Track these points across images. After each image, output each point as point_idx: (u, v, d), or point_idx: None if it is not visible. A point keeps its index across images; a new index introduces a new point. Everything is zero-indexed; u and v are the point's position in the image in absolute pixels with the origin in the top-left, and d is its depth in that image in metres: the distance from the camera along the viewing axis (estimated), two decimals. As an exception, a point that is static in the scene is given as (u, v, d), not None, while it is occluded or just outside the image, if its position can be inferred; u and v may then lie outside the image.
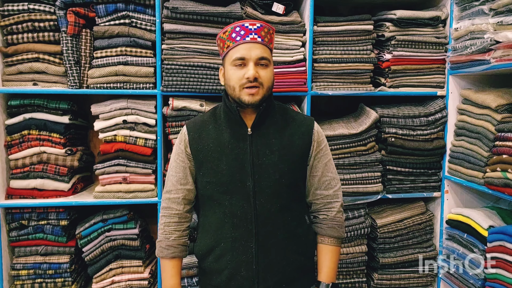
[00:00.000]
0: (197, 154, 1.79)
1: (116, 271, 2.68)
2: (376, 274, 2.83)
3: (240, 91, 1.69)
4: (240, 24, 1.71)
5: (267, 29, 1.75)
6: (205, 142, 1.78)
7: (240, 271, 1.74)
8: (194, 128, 1.83)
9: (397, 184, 2.79)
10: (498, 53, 2.24)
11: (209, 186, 1.77)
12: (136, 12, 2.56)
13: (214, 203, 1.78)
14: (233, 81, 1.70)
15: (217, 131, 1.79)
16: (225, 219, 1.75)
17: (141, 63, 2.56)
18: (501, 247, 2.20)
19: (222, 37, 1.75)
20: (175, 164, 1.84)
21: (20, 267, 2.62)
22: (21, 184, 2.61)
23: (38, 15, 2.50)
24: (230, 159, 1.74)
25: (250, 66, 1.67)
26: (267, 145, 1.76)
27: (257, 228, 1.72)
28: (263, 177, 1.73)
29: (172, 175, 1.84)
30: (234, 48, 1.70)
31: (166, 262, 1.83)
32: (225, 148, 1.75)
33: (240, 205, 1.73)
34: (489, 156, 2.37)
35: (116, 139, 2.62)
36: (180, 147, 1.83)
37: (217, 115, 1.84)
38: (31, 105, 2.60)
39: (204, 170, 1.78)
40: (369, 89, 2.73)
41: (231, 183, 1.74)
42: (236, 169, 1.73)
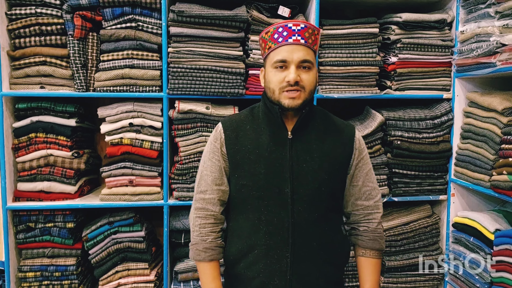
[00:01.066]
0: (233, 154, 1.70)
1: (122, 273, 2.68)
2: (382, 277, 2.82)
3: (279, 94, 1.63)
4: (283, 24, 1.63)
5: (311, 30, 1.65)
6: (242, 142, 1.70)
7: (273, 280, 1.66)
8: (231, 127, 1.74)
9: (403, 187, 2.78)
10: (504, 56, 2.23)
11: (244, 189, 1.69)
12: (142, 16, 2.57)
13: (247, 208, 1.70)
14: (273, 84, 1.64)
15: (255, 132, 1.71)
16: (260, 225, 1.67)
17: (148, 66, 2.58)
18: (507, 250, 2.19)
19: (264, 37, 1.68)
20: (210, 163, 1.74)
21: (27, 269, 2.63)
22: (28, 187, 2.62)
23: (45, 19, 2.52)
24: (269, 163, 1.66)
25: (291, 69, 1.60)
26: (307, 151, 1.69)
27: (293, 238, 1.64)
28: (302, 184, 1.66)
29: (207, 175, 1.74)
30: (276, 50, 1.64)
31: (205, 266, 1.73)
32: (264, 151, 1.67)
33: (276, 212, 1.65)
34: (495, 159, 2.36)
35: (122, 142, 2.64)
36: (215, 145, 1.73)
37: (255, 115, 1.76)
38: (38, 108, 2.61)
39: (240, 172, 1.70)
40: (375, 92, 2.73)
41: (268, 188, 1.66)
42: (274, 174, 1.66)
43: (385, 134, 2.73)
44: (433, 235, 2.86)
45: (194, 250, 1.74)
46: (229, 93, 2.58)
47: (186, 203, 2.65)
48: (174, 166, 2.65)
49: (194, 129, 2.63)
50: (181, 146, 2.62)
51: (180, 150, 2.62)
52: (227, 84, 2.57)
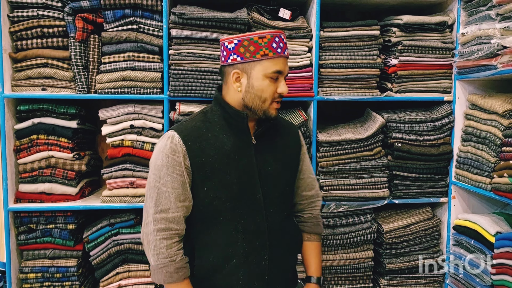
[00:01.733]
0: (200, 167, 1.61)
1: (123, 275, 2.69)
2: (383, 279, 2.83)
3: (269, 104, 1.64)
4: (278, 35, 1.62)
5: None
6: (207, 153, 1.61)
7: (253, 284, 1.66)
8: (190, 137, 1.62)
9: (404, 189, 2.79)
10: (505, 58, 2.23)
11: (216, 202, 1.62)
12: (143, 18, 2.58)
13: (220, 219, 1.64)
14: (267, 94, 1.62)
15: (217, 140, 1.64)
16: (237, 235, 1.64)
17: (149, 68, 2.58)
18: (508, 253, 2.19)
19: (258, 41, 1.60)
20: (169, 178, 1.58)
21: (28, 270, 2.64)
22: (30, 188, 2.63)
23: (47, 21, 2.53)
24: (238, 171, 1.63)
25: (283, 81, 1.65)
26: (270, 155, 1.72)
27: (269, 240, 1.66)
28: (270, 187, 1.69)
29: (167, 191, 1.58)
30: (274, 60, 1.61)
31: (180, 285, 1.61)
32: (231, 159, 1.63)
33: (252, 219, 1.65)
34: (496, 162, 2.36)
35: (123, 143, 2.64)
36: (174, 159, 1.59)
37: (212, 121, 1.69)
38: (39, 110, 2.62)
39: (210, 184, 1.61)
40: (375, 94, 2.73)
41: (242, 196, 1.64)
42: (246, 182, 1.64)
43: (385, 136, 2.74)
44: (434, 238, 2.86)
45: (164, 273, 1.58)
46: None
47: (186, 205, 2.65)
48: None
49: (195, 131, 2.62)
50: (182, 148, 2.62)
51: (181, 152, 2.62)
52: (228, 86, 2.57)
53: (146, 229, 1.61)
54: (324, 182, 2.68)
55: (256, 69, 1.62)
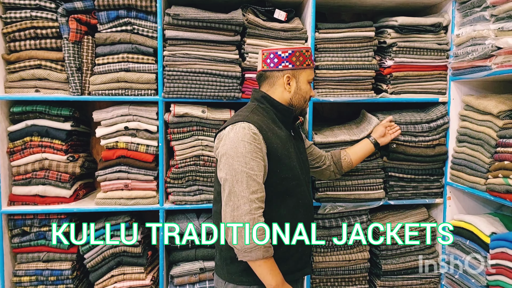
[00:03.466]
0: (274, 151, 1.84)
1: (118, 278, 2.68)
2: (379, 280, 2.82)
3: (305, 103, 2.05)
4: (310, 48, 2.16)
5: None
6: (275, 140, 1.86)
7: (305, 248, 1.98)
8: (262, 127, 1.84)
9: (399, 191, 2.79)
10: (499, 59, 2.24)
11: (285, 182, 1.88)
12: (137, 19, 2.57)
13: (285, 196, 1.90)
14: (308, 95, 2.03)
15: (275, 130, 1.91)
16: (299, 208, 1.94)
17: (143, 70, 2.57)
18: (503, 253, 2.19)
19: (305, 53, 1.99)
20: (255, 163, 1.76)
21: (22, 273, 2.63)
22: (23, 191, 2.62)
23: (40, 22, 2.52)
24: (295, 156, 1.96)
25: (311, 87, 2.11)
26: (300, 145, 2.11)
27: (312, 212, 2.08)
28: (306, 171, 2.07)
29: (255, 174, 1.76)
30: (312, 69, 2.05)
31: (270, 261, 1.79)
32: (289, 147, 1.93)
33: (306, 195, 1.99)
34: (491, 163, 2.36)
35: (117, 145, 2.63)
36: (256, 145, 1.78)
37: (269, 116, 1.95)
38: (33, 112, 2.61)
39: (281, 166, 1.87)
40: (370, 96, 2.73)
41: (299, 177, 1.94)
42: (300, 165, 1.99)
43: (381, 137, 2.73)
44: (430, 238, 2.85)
45: (263, 249, 1.74)
46: (225, 96, 2.57)
47: (182, 207, 2.65)
48: (170, 170, 2.64)
49: (190, 133, 2.62)
50: (177, 150, 2.61)
51: (176, 154, 2.62)
52: (223, 88, 2.57)
53: (238, 212, 1.73)
54: (320, 183, 2.68)
55: (302, 75, 2.00)
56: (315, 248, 2.75)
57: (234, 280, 1.90)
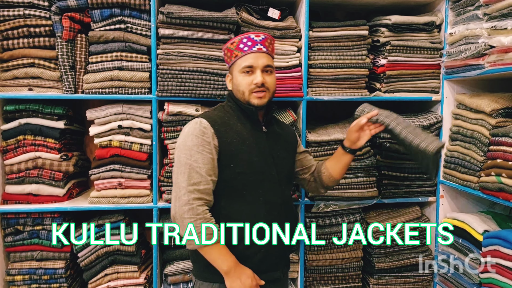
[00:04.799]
0: (227, 146, 1.84)
1: (112, 276, 2.67)
2: (372, 279, 2.84)
3: (249, 95, 1.89)
4: (247, 36, 1.91)
5: (270, 40, 1.97)
6: (232, 135, 1.87)
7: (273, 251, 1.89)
8: (216, 122, 1.87)
9: (393, 189, 2.80)
10: (492, 58, 2.25)
11: (241, 177, 1.85)
12: (131, 17, 2.57)
13: (244, 193, 1.86)
14: (243, 87, 1.90)
15: (236, 126, 1.91)
16: (260, 206, 1.87)
17: (137, 68, 2.57)
18: (496, 251, 2.20)
19: (230, 47, 1.94)
20: (200, 156, 1.78)
21: (15, 272, 2.62)
22: (16, 190, 2.61)
23: (33, 21, 2.50)
24: (258, 151, 1.90)
25: (257, 73, 1.88)
26: (277, 142, 2.02)
27: (284, 212, 1.95)
28: (281, 168, 1.98)
29: (198, 167, 1.77)
30: (243, 57, 1.90)
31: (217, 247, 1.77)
32: (251, 141, 1.90)
33: (272, 192, 1.91)
34: (484, 161, 2.37)
35: (111, 144, 2.62)
36: (204, 139, 1.80)
37: (230, 114, 1.95)
38: (26, 110, 2.60)
39: (236, 161, 1.85)
40: (364, 94, 2.74)
41: (262, 173, 1.90)
42: (264, 161, 1.91)
43: (374, 136, 2.71)
44: (423, 237, 2.87)
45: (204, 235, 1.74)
46: (219, 95, 2.57)
47: (175, 206, 2.64)
48: (163, 169, 2.64)
49: (183, 131, 2.61)
50: (171, 148, 2.61)
51: (170, 152, 2.62)
52: (216, 86, 2.57)
53: (179, 202, 1.76)
54: (314, 182, 2.68)
55: (234, 70, 1.95)
56: (308, 247, 2.75)
57: (200, 277, 1.92)
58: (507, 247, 2.13)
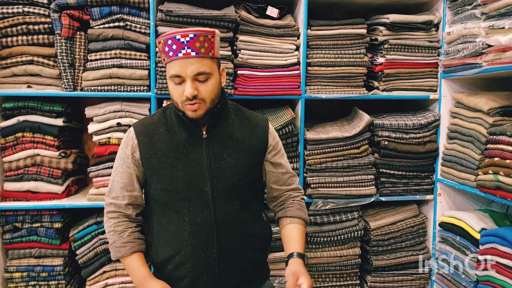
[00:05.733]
0: (149, 160, 1.69)
1: (110, 273, 2.67)
2: (370, 276, 2.84)
3: (183, 106, 1.63)
4: (171, 36, 1.57)
5: (203, 37, 1.59)
6: (157, 146, 1.70)
7: (202, 277, 1.70)
8: (143, 132, 1.72)
9: (390, 187, 2.81)
10: (489, 57, 2.26)
11: (164, 194, 1.69)
12: (130, 15, 2.57)
13: (170, 211, 1.70)
14: (175, 97, 1.63)
15: (169, 134, 1.71)
16: (184, 227, 1.68)
17: (136, 66, 2.57)
18: (493, 249, 2.21)
19: (159, 47, 1.64)
20: (120, 169, 1.74)
21: (14, 269, 2.62)
22: (15, 187, 2.61)
23: (32, 18, 2.50)
24: (186, 165, 1.68)
25: (188, 84, 1.57)
26: (223, 148, 1.72)
27: (218, 234, 1.68)
28: (221, 181, 1.69)
29: (117, 181, 1.74)
30: (169, 64, 1.61)
31: (128, 258, 1.71)
32: (180, 153, 1.69)
33: (199, 212, 1.67)
34: (481, 159, 2.38)
35: (110, 141, 2.63)
36: (125, 152, 1.72)
37: (168, 117, 1.76)
38: (25, 108, 2.60)
39: (157, 177, 1.69)
40: (362, 93, 2.74)
41: (188, 189, 1.67)
42: (193, 175, 1.67)
43: (372, 134, 2.75)
44: (420, 235, 2.89)
45: (113, 249, 1.72)
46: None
47: (174, 203, 2.64)
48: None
49: (182, 129, 2.62)
50: (169, 146, 2.61)
51: (168, 150, 2.61)
52: (215, 84, 2.56)
53: (104, 215, 1.78)
54: (312, 180, 2.69)
55: (167, 73, 1.65)
56: (306, 244, 2.76)
57: None
58: (504, 245, 2.14)
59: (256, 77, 2.63)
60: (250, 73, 2.62)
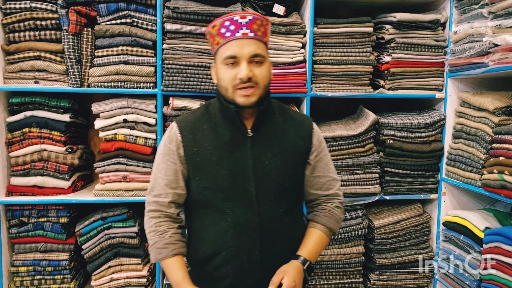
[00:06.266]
0: (192, 157, 1.63)
1: (115, 268, 2.70)
2: (373, 274, 2.86)
3: (233, 92, 1.56)
4: (229, 17, 1.54)
5: (260, 21, 1.57)
6: (201, 144, 1.64)
7: (244, 279, 1.64)
8: (187, 128, 1.67)
9: (395, 186, 2.81)
10: (496, 56, 2.26)
11: (207, 192, 1.63)
12: (137, 12, 2.58)
13: (212, 210, 1.64)
14: (225, 82, 1.56)
15: (213, 131, 1.65)
16: (226, 227, 1.61)
17: (142, 63, 2.58)
18: (497, 248, 2.22)
19: (211, 32, 1.60)
20: (164, 166, 1.66)
21: (20, 263, 2.65)
22: (22, 181, 2.63)
23: (40, 14, 2.52)
24: (231, 163, 1.62)
25: (243, 65, 1.53)
26: (268, 148, 1.66)
27: (261, 236, 1.61)
28: (265, 181, 1.63)
29: (160, 178, 1.67)
30: (225, 45, 1.55)
31: (169, 260, 1.63)
32: (225, 151, 1.62)
33: (243, 213, 1.61)
34: (486, 159, 2.38)
35: (116, 138, 2.65)
36: (170, 148, 1.66)
37: (212, 113, 1.70)
38: (32, 103, 2.62)
39: (201, 174, 1.63)
40: (368, 91, 2.75)
41: (233, 189, 1.61)
42: (238, 174, 1.61)
43: (377, 133, 2.76)
44: (424, 234, 2.89)
45: (154, 250, 1.65)
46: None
47: (179, 199, 2.66)
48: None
49: (188, 126, 2.63)
50: (175, 142, 2.62)
51: (174, 146, 2.63)
52: (221, 81, 2.58)
53: (145, 213, 1.71)
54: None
55: (217, 60, 1.61)
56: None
57: None
58: (508, 244, 2.15)
59: (262, 75, 2.63)
60: (256, 70, 2.62)
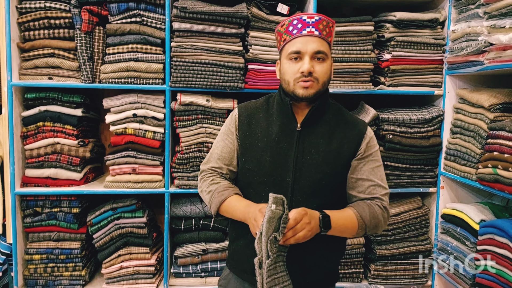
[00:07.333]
0: (244, 139, 1.76)
1: (125, 257, 2.78)
2: (373, 265, 2.93)
3: (294, 84, 1.64)
4: (298, 17, 1.65)
5: (326, 22, 1.66)
6: (253, 129, 1.75)
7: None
8: (245, 113, 1.80)
9: (395, 180, 2.87)
10: (491, 55, 2.32)
11: (249, 173, 1.73)
12: (147, 11, 2.66)
13: (250, 191, 1.74)
14: (288, 75, 1.65)
15: (267, 121, 1.75)
16: None
17: (151, 60, 2.67)
18: (491, 239, 2.29)
19: (280, 30, 1.71)
20: (222, 143, 1.82)
21: (34, 251, 2.74)
22: (36, 173, 2.72)
23: (54, 13, 2.60)
24: (275, 153, 1.68)
25: (305, 60, 1.61)
26: (314, 145, 1.68)
27: None
28: (303, 175, 1.66)
29: (216, 153, 1.83)
30: (290, 42, 1.65)
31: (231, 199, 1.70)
32: (272, 140, 1.70)
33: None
34: (482, 153, 2.45)
35: (126, 131, 2.73)
36: (229, 128, 1.82)
37: (270, 104, 1.80)
38: (46, 98, 2.71)
39: (247, 157, 1.74)
40: (368, 88, 2.82)
41: (271, 175, 1.67)
42: (279, 163, 1.67)
43: (377, 128, 2.82)
44: (423, 226, 2.95)
45: (216, 195, 1.72)
46: (229, 86, 2.68)
47: (186, 191, 2.76)
48: (175, 156, 2.76)
49: (194, 121, 2.73)
50: (182, 136, 2.73)
51: (181, 140, 2.73)
52: (227, 78, 2.67)
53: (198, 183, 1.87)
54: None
55: (282, 55, 1.71)
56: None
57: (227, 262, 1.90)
58: (501, 235, 2.22)
59: (266, 72, 2.72)
60: (260, 67, 2.72)
